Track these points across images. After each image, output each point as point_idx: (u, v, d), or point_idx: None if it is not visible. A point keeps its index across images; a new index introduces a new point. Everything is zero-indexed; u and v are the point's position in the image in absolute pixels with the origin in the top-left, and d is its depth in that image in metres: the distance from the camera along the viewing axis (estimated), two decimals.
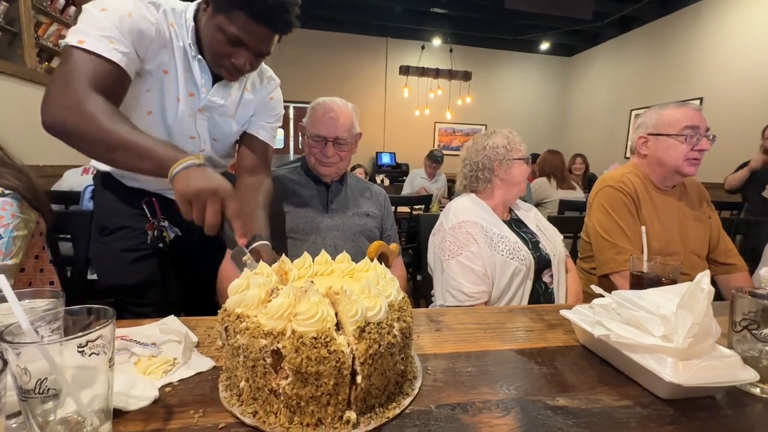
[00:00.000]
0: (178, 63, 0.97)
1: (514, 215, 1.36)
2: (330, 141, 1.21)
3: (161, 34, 0.92)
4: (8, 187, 0.93)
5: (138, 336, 0.69)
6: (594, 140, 6.73)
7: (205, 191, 0.73)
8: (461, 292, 1.15)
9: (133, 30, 0.85)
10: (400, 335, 0.54)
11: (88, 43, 0.80)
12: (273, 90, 1.17)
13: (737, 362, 0.60)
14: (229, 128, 1.11)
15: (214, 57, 0.95)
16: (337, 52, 6.87)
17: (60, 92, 0.77)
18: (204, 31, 0.93)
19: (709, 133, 1.26)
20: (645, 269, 0.92)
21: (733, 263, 1.36)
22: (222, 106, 1.05)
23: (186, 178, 0.74)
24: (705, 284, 0.58)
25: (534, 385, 0.62)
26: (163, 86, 0.97)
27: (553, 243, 1.28)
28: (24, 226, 0.94)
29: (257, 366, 0.49)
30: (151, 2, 0.90)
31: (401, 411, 0.54)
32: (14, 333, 0.42)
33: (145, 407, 0.52)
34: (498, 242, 1.17)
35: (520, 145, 1.30)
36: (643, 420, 0.54)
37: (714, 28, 4.67)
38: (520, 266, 1.14)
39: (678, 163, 1.28)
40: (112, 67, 0.82)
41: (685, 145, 1.25)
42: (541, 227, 1.33)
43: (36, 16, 2.55)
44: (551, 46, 7.08)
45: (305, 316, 0.48)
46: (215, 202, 0.74)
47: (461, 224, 1.19)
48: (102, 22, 0.81)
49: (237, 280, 0.58)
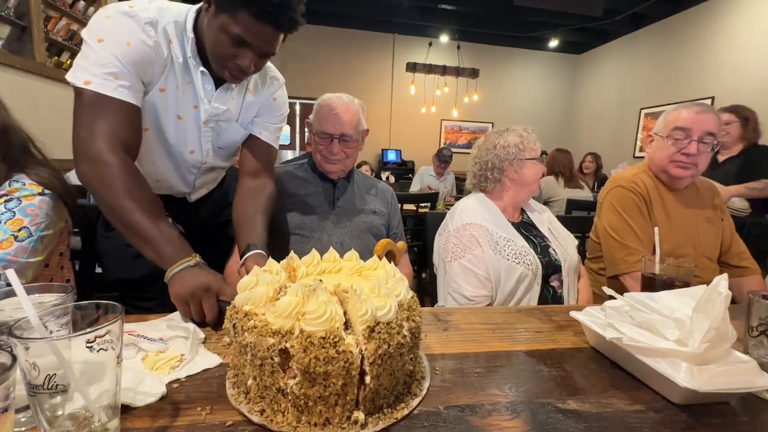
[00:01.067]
0: (179, 78, 0.94)
1: (526, 217, 1.32)
2: (336, 138, 1.20)
3: (160, 55, 0.89)
4: (48, 186, 0.93)
5: (145, 331, 0.69)
6: (603, 139, 6.66)
7: (198, 290, 0.75)
8: (462, 295, 1.14)
9: (134, 60, 0.84)
10: (409, 335, 0.53)
11: (94, 84, 0.81)
12: (276, 90, 1.13)
13: (754, 368, 0.58)
14: (235, 134, 1.10)
15: (218, 59, 0.91)
16: (344, 48, 6.85)
17: (85, 146, 0.82)
18: (206, 33, 0.90)
19: (710, 139, 1.21)
20: (657, 271, 0.91)
21: (746, 266, 1.33)
22: (226, 111, 1.03)
23: (181, 279, 0.76)
24: (723, 288, 0.57)
25: (543, 387, 0.61)
26: (158, 105, 0.95)
27: (565, 248, 1.24)
28: (53, 225, 0.94)
29: (265, 364, 0.48)
30: (148, 22, 0.86)
31: (410, 412, 0.53)
32: (23, 328, 0.42)
33: (153, 403, 0.52)
34: (504, 246, 1.14)
35: (535, 144, 1.25)
36: (656, 425, 0.53)
37: (726, 26, 4.59)
38: (526, 271, 1.11)
39: (664, 164, 1.28)
40: (122, 105, 0.84)
41: (673, 147, 1.24)
42: (553, 230, 1.29)
43: (45, 11, 2.55)
44: (560, 44, 7.00)
45: (314, 315, 0.48)
46: (210, 297, 0.75)
47: (466, 226, 1.17)
48: (103, 57, 0.81)
49: (246, 277, 0.58)
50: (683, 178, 1.27)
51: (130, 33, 0.84)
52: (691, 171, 1.25)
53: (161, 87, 0.93)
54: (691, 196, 1.34)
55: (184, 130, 1.00)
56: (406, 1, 5.65)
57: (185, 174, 1.11)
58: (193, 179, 1.13)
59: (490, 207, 1.24)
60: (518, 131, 1.26)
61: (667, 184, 1.32)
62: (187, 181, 1.13)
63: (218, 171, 1.21)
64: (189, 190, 1.16)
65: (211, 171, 1.16)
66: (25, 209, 0.88)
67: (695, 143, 1.21)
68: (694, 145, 1.21)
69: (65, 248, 1.05)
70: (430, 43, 6.86)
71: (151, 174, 1.06)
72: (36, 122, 0.88)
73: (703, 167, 1.25)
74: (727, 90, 4.53)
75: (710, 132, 1.21)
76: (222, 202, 1.31)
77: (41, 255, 0.91)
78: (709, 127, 1.21)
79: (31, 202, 0.89)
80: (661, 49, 5.56)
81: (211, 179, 1.21)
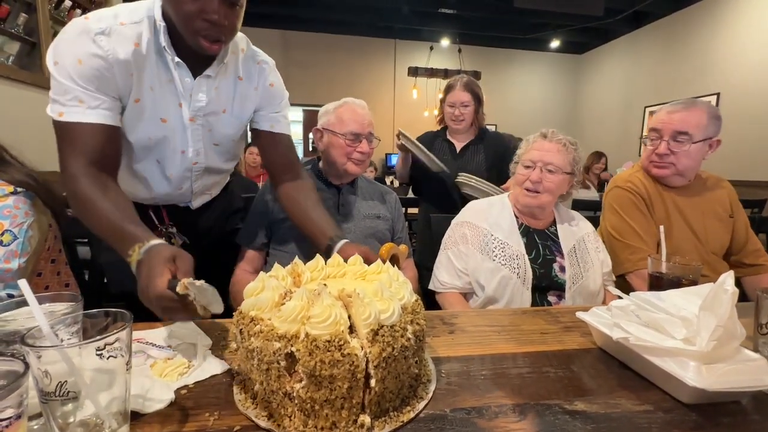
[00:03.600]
0: (156, 78, 0.90)
1: (553, 228, 1.24)
2: (364, 137, 1.24)
3: (121, 64, 0.84)
4: (20, 183, 0.90)
5: (153, 338, 0.70)
6: (607, 138, 6.62)
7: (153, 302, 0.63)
8: (437, 278, 1.24)
9: (88, 77, 0.81)
10: (413, 338, 0.53)
11: (66, 115, 0.81)
12: (270, 74, 1.06)
13: (764, 366, 0.58)
14: (227, 127, 1.04)
15: (186, 23, 0.83)
16: (346, 54, 6.90)
17: (63, 174, 0.82)
18: (169, 6, 0.84)
19: (684, 138, 1.23)
20: (664, 270, 0.90)
21: (762, 263, 1.31)
22: (209, 103, 0.97)
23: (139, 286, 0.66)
24: (729, 285, 0.56)
25: (551, 388, 0.61)
26: (136, 116, 0.91)
27: (582, 271, 1.16)
28: (37, 226, 0.91)
29: (271, 369, 0.49)
30: (100, 32, 0.82)
31: (416, 415, 0.53)
32: (35, 336, 0.43)
33: (161, 410, 0.52)
34: (494, 248, 1.16)
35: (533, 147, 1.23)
36: (665, 425, 0.53)
37: (730, 21, 4.55)
38: (510, 273, 1.12)
39: (645, 164, 1.34)
40: (95, 127, 0.82)
41: (650, 147, 1.30)
42: (578, 250, 1.20)
43: (54, 27, 2.61)
44: (562, 44, 6.99)
45: (318, 319, 0.48)
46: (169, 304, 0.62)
47: (461, 224, 1.25)
48: (62, 84, 0.80)
49: (252, 283, 0.59)
50: (664, 177, 1.30)
51: (80, 49, 0.80)
52: (669, 170, 1.28)
53: (136, 98, 0.89)
54: (696, 192, 1.33)
55: (172, 131, 0.96)
56: (407, 7, 5.68)
57: (180, 180, 1.06)
58: (190, 184, 1.08)
59: (506, 209, 1.25)
60: (533, 134, 1.26)
61: (663, 183, 1.33)
62: (184, 187, 1.07)
63: (218, 174, 1.16)
64: (189, 197, 1.12)
65: (209, 174, 1.10)
66: (2, 211, 0.85)
67: (665, 143, 1.25)
68: (664, 145, 1.25)
69: (57, 254, 1.01)
70: (432, 47, 6.89)
71: (146, 186, 1.03)
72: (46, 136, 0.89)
73: (685, 165, 1.26)
74: (732, 86, 4.49)
75: (679, 131, 1.24)
76: (227, 210, 1.30)
77: (34, 255, 0.89)
78: (678, 126, 1.24)
79: (5, 203, 0.86)
80: (664, 46, 5.53)
81: (212, 183, 1.16)
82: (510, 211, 1.25)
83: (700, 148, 1.24)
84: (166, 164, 1.01)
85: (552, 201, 1.21)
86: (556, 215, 1.27)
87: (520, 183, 1.22)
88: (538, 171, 1.17)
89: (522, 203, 1.22)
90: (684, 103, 1.28)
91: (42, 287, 0.96)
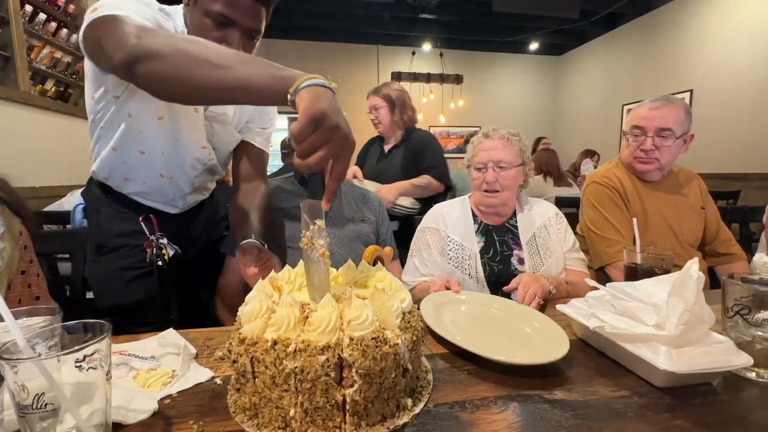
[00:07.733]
0: None
1: (513, 221, 1.25)
2: None
3: None
4: None
5: (137, 350, 0.69)
6: (587, 137, 6.76)
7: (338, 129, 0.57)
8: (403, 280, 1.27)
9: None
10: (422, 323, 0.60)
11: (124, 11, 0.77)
12: None
13: (731, 348, 0.60)
14: (228, 137, 1.10)
15: None
16: (329, 62, 6.91)
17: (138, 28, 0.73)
18: (191, 27, 0.91)
19: (668, 134, 1.27)
20: (639, 261, 0.93)
21: (734, 252, 1.37)
22: (222, 114, 1.05)
23: (324, 93, 0.63)
24: (694, 271, 0.59)
25: (532, 380, 0.62)
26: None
27: (542, 259, 1.17)
28: (9, 237, 0.89)
29: (316, 385, 0.48)
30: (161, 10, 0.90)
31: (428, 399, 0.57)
32: (11, 351, 0.42)
33: (145, 420, 0.52)
34: (450, 249, 1.20)
35: (480, 148, 1.24)
36: (639, 409, 0.55)
37: (701, 20, 4.72)
38: (462, 275, 1.16)
39: (628, 160, 1.37)
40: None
41: (634, 144, 1.33)
42: (539, 238, 1.20)
43: (28, 40, 2.56)
44: (541, 46, 7.14)
45: (359, 321, 0.50)
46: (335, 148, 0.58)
47: (424, 230, 1.28)
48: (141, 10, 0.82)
49: (247, 307, 0.54)
50: (647, 172, 1.34)
51: (149, 14, 0.84)
52: (653, 165, 1.31)
53: None
54: (670, 186, 1.38)
55: (196, 123, 1.01)
56: (388, 14, 5.74)
57: (189, 169, 1.08)
58: (194, 176, 1.10)
59: (464, 210, 1.28)
60: (481, 133, 1.27)
61: (640, 178, 1.37)
62: (189, 177, 1.10)
63: (213, 176, 1.19)
64: (188, 189, 1.12)
65: (209, 173, 1.15)
66: None
67: (650, 139, 1.29)
68: (649, 141, 1.29)
69: (27, 264, 0.97)
70: (414, 52, 6.96)
71: (157, 166, 1.04)
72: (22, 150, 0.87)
73: (667, 160, 1.31)
74: (705, 82, 4.64)
75: (663, 127, 1.28)
76: (213, 218, 1.31)
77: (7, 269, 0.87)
78: (661, 122, 1.28)
79: None
80: (639, 46, 5.69)
81: (207, 182, 1.19)
82: (469, 211, 1.27)
83: (679, 143, 1.29)
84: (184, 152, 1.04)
85: (512, 195, 1.24)
86: (516, 206, 1.28)
87: (477, 187, 1.24)
88: (491, 171, 1.19)
89: (485, 204, 1.23)
90: (662, 99, 1.31)
91: (14, 301, 0.92)
